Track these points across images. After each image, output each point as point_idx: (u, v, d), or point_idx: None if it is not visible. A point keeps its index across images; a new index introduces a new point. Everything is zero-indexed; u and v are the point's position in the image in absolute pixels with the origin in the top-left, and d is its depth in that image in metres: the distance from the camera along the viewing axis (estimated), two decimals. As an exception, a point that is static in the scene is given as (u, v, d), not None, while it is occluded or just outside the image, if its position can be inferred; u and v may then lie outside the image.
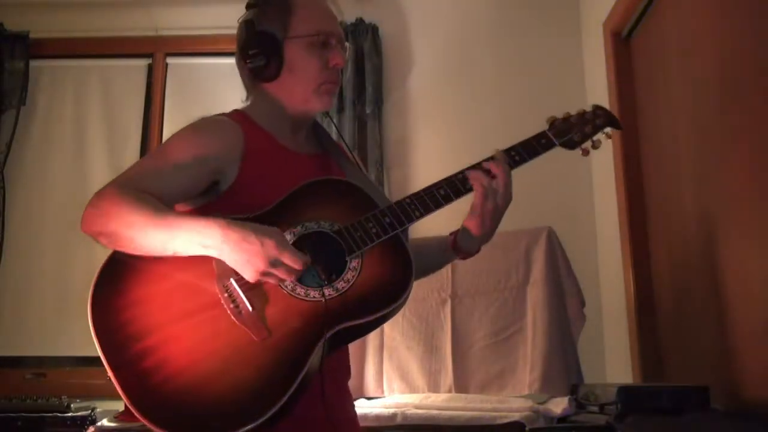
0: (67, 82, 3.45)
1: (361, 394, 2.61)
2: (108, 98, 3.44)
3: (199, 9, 3.43)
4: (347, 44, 1.47)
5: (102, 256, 1.27)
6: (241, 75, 1.50)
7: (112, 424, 2.52)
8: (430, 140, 3.28)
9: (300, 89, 1.42)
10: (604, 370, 2.91)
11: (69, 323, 3.17)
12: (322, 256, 1.25)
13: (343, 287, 1.22)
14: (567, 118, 1.48)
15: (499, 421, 2.19)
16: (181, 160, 1.29)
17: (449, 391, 2.55)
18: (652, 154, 2.65)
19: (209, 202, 1.34)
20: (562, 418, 2.18)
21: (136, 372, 1.14)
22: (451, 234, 1.46)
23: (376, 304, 1.21)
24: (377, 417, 2.29)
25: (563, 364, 2.42)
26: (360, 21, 3.30)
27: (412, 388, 2.62)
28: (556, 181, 2.96)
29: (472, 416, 2.24)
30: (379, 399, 2.54)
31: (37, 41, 3.36)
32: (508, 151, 1.43)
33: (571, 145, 1.47)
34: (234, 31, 1.55)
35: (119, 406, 2.59)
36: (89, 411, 2.62)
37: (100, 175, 3.34)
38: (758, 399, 1.86)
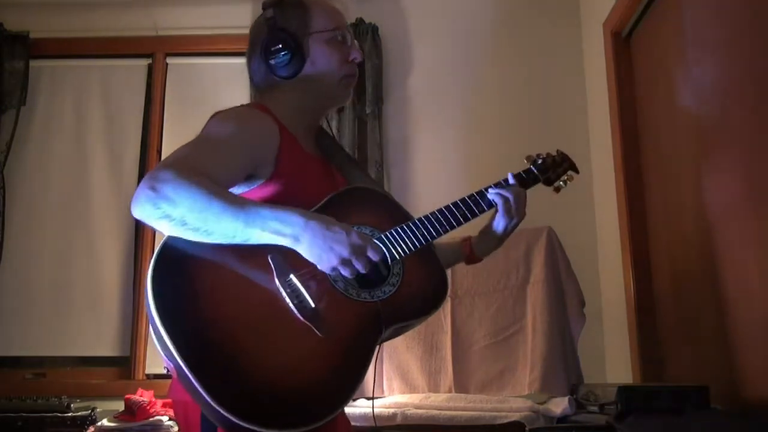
0: (67, 82, 3.45)
1: (361, 394, 2.60)
2: (108, 98, 3.43)
3: (199, 9, 3.43)
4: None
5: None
6: (255, 73, 1.50)
7: (112, 424, 2.52)
8: (430, 140, 3.28)
9: (325, 82, 1.47)
10: (604, 370, 2.91)
11: (69, 323, 3.18)
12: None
13: (389, 291, 1.31)
14: (542, 159, 1.65)
15: (499, 421, 2.19)
16: (229, 145, 1.30)
17: (449, 391, 2.55)
18: (652, 154, 2.65)
19: (243, 193, 1.34)
20: (562, 418, 2.18)
21: (212, 364, 1.12)
22: (463, 240, 1.60)
23: (422, 308, 1.33)
24: (377, 417, 2.29)
25: (563, 364, 2.42)
26: (360, 21, 3.30)
27: (412, 388, 2.62)
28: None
29: (472, 416, 2.24)
30: (379, 399, 2.54)
31: (37, 41, 3.36)
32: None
33: (548, 183, 1.65)
34: (234, 31, 1.59)
35: (119, 406, 2.59)
36: (89, 411, 2.62)
37: (100, 175, 3.34)
38: (758, 399, 1.86)
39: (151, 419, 2.49)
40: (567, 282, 2.56)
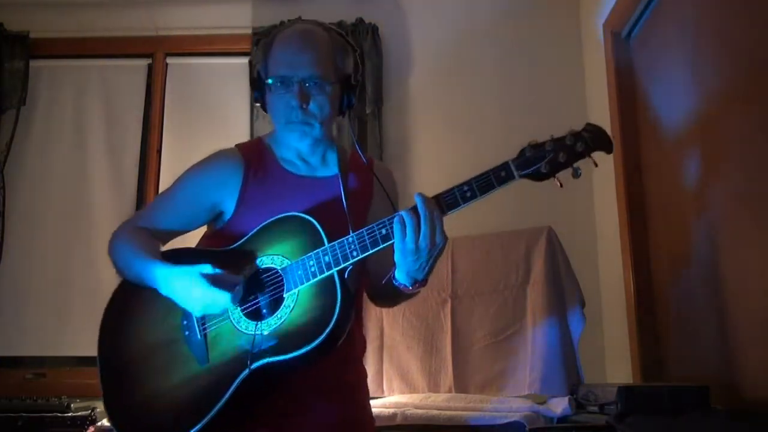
0: (67, 82, 3.44)
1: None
2: (108, 98, 3.43)
3: (199, 9, 3.43)
4: (328, 86, 1.49)
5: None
6: None
7: (112, 424, 2.52)
8: (430, 140, 3.28)
9: (277, 125, 1.55)
10: (604, 370, 2.91)
11: (69, 323, 3.17)
12: (268, 292, 1.35)
13: (274, 323, 1.31)
14: (540, 145, 1.26)
15: (499, 421, 2.19)
16: (182, 199, 1.54)
17: (449, 391, 2.55)
18: (652, 154, 2.65)
19: (217, 228, 1.53)
20: (562, 418, 2.18)
21: (114, 382, 1.43)
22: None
23: (294, 345, 1.25)
24: (377, 417, 2.28)
25: (563, 364, 2.42)
26: (360, 21, 3.30)
27: (412, 388, 2.62)
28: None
29: (472, 416, 2.24)
30: (379, 399, 2.53)
31: (37, 41, 3.36)
32: (461, 186, 1.29)
33: (537, 177, 1.25)
34: (234, 31, 1.62)
35: (119, 406, 2.59)
36: (89, 411, 2.62)
37: (100, 175, 3.34)
38: (758, 399, 1.86)
39: (151, 419, 2.49)
40: (567, 282, 2.56)
